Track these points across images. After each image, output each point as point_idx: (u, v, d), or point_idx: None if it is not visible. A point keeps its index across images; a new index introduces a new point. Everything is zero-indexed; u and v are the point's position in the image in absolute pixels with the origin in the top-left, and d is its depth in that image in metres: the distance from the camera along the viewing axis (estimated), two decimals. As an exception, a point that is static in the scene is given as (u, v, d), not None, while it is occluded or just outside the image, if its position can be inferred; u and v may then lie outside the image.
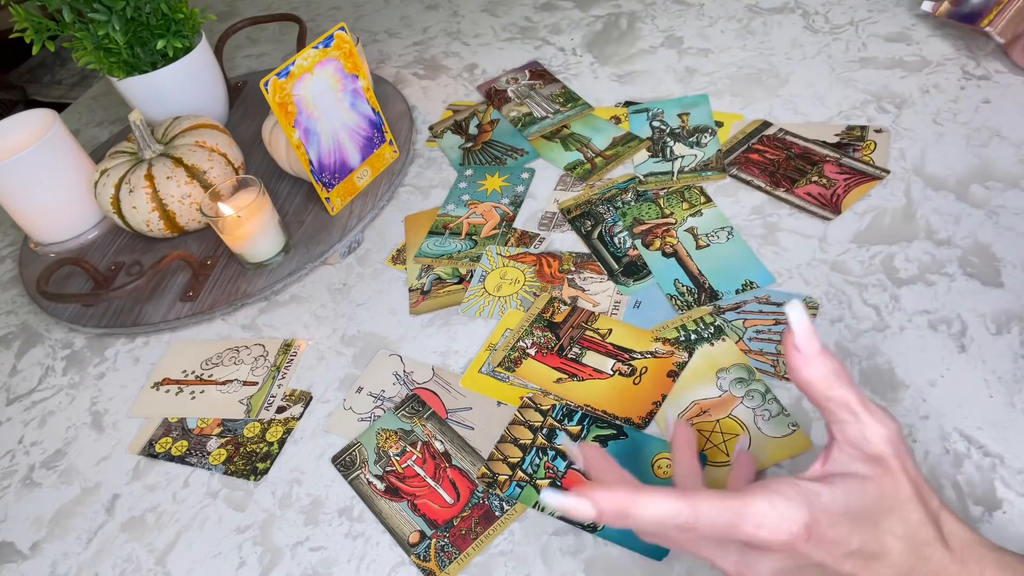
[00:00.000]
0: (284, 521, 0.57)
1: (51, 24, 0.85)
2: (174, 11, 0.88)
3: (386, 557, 0.53)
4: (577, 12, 1.06)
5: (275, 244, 0.76)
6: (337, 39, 0.76)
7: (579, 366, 0.61)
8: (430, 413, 0.61)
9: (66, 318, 0.77)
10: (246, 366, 0.69)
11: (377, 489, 0.57)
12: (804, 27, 0.92)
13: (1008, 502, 0.48)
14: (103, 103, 1.18)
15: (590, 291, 0.67)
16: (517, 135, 0.87)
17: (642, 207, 0.73)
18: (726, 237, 0.68)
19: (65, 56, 2.44)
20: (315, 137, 0.77)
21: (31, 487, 0.65)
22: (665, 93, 0.87)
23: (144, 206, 0.77)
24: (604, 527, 0.51)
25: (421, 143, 0.90)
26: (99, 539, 0.60)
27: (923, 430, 0.52)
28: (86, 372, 0.74)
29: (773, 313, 0.61)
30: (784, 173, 0.73)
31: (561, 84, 0.92)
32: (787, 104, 0.81)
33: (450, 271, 0.73)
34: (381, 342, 0.68)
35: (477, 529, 0.53)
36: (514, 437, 0.58)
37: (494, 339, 0.65)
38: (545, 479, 0.55)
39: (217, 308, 0.74)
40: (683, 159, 0.77)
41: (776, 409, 0.55)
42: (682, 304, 0.63)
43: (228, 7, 1.34)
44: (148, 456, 0.64)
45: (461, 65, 1.02)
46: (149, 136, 0.79)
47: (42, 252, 0.87)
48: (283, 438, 0.63)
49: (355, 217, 0.80)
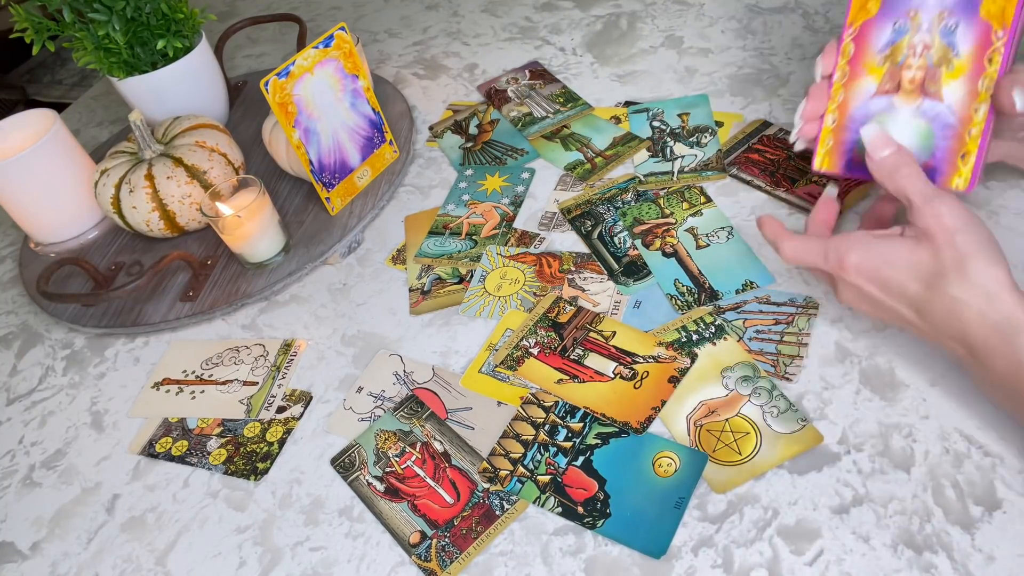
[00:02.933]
0: (284, 521, 0.57)
1: (51, 24, 0.85)
2: (174, 11, 0.88)
3: (386, 557, 0.53)
4: (577, 12, 1.06)
5: (275, 244, 0.76)
6: (337, 39, 0.76)
7: (581, 368, 0.61)
8: (429, 413, 0.61)
9: (66, 318, 0.77)
10: (246, 366, 0.69)
11: (377, 490, 0.57)
12: (804, 27, 0.92)
13: (1008, 502, 0.48)
14: (103, 103, 1.18)
15: (590, 291, 0.67)
16: (517, 135, 0.87)
17: (642, 207, 0.73)
18: (726, 237, 0.68)
19: (65, 56, 2.44)
20: (315, 137, 0.77)
21: (31, 487, 0.65)
22: (665, 93, 0.87)
23: (144, 206, 0.77)
24: (604, 526, 0.51)
25: (421, 143, 0.90)
26: (99, 539, 0.60)
27: (923, 430, 0.52)
28: (86, 372, 0.74)
29: (773, 313, 0.61)
30: (784, 173, 0.73)
31: (561, 84, 0.92)
32: (787, 104, 0.81)
33: (450, 271, 0.73)
34: (381, 342, 0.68)
35: (478, 529, 0.53)
36: (516, 433, 0.58)
37: (494, 339, 0.65)
38: (546, 475, 0.55)
39: (217, 308, 0.74)
40: (683, 159, 0.77)
41: (784, 405, 0.55)
42: (682, 304, 0.64)
43: (228, 7, 1.34)
44: (148, 456, 0.64)
45: (461, 65, 1.02)
46: (149, 136, 0.79)
47: (42, 252, 0.87)
48: (283, 438, 0.63)
49: (355, 217, 0.80)
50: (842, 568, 0.47)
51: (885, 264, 0.49)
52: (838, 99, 0.55)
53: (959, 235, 0.46)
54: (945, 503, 0.48)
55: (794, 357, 0.58)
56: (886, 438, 0.52)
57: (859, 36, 0.54)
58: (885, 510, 0.49)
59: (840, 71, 0.55)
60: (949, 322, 0.47)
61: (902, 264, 0.48)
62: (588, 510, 0.53)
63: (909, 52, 0.53)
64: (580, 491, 0.54)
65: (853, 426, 0.53)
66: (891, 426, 0.53)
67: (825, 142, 0.55)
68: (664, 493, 0.52)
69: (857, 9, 0.54)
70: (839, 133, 0.54)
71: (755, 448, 0.53)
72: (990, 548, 0.46)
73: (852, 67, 0.54)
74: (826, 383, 0.56)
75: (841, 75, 0.55)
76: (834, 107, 0.55)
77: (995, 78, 0.50)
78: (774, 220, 0.55)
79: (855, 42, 0.54)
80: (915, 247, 0.48)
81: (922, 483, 0.50)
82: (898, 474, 0.50)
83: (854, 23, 0.54)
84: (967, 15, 0.51)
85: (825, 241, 0.52)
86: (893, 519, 0.48)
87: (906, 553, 0.47)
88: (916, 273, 0.48)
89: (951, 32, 0.52)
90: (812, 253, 0.53)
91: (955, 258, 0.46)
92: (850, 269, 0.50)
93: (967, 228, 0.47)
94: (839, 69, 0.55)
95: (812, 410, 0.55)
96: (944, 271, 0.46)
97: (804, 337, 0.59)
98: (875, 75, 0.54)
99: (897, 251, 0.49)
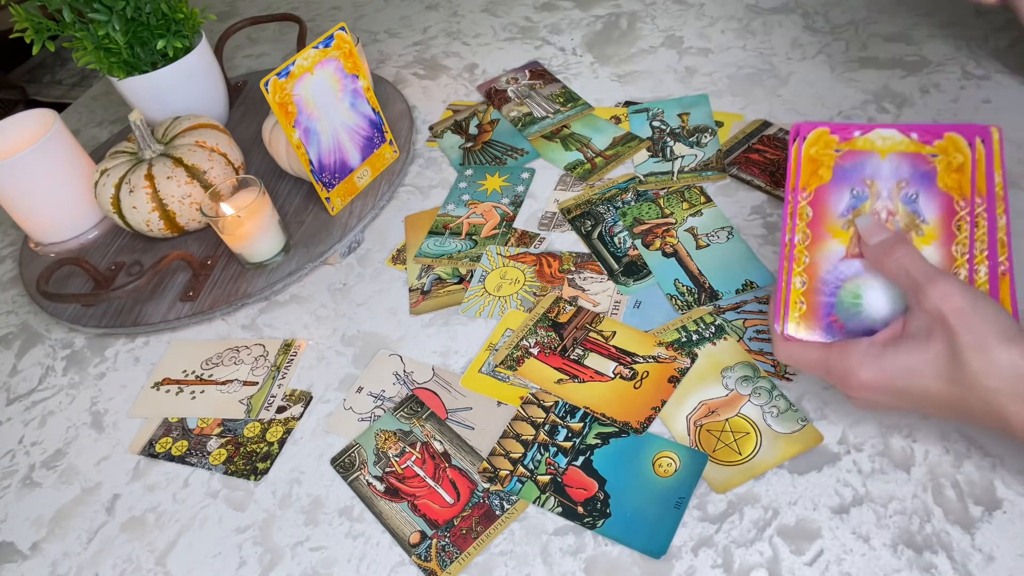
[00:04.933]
0: (284, 521, 0.57)
1: (51, 24, 0.85)
2: (174, 11, 0.88)
3: (386, 557, 0.53)
4: (577, 12, 1.06)
5: (275, 244, 0.76)
6: (337, 39, 0.76)
7: (581, 368, 0.61)
8: (429, 413, 0.61)
9: (66, 318, 0.77)
10: (246, 366, 0.69)
11: (377, 490, 0.57)
12: (804, 27, 0.92)
13: (1008, 502, 0.48)
14: (103, 103, 1.18)
15: (590, 291, 0.67)
16: (517, 135, 0.87)
17: (642, 207, 0.73)
18: (726, 237, 0.68)
19: (65, 56, 2.44)
20: (315, 137, 0.77)
21: (31, 487, 0.65)
22: (665, 93, 0.87)
23: (144, 206, 0.77)
24: (604, 526, 0.51)
25: (421, 143, 0.90)
26: (99, 539, 0.60)
27: (923, 430, 0.52)
28: (86, 372, 0.74)
29: (773, 313, 0.61)
30: (784, 173, 0.73)
31: (561, 84, 0.92)
32: (787, 104, 0.81)
33: (450, 271, 0.73)
34: (381, 342, 0.68)
35: (478, 529, 0.53)
36: (516, 433, 0.58)
37: (494, 339, 0.65)
38: (546, 475, 0.55)
39: (217, 308, 0.74)
40: (683, 159, 0.77)
41: (784, 405, 0.55)
42: (682, 304, 0.64)
43: (228, 7, 1.34)
44: (148, 456, 0.64)
45: (461, 65, 1.02)
46: (149, 136, 0.79)
47: (42, 252, 0.87)
48: (283, 438, 0.63)
49: (355, 217, 0.80)
50: (842, 568, 0.47)
51: (900, 374, 0.45)
52: (803, 262, 0.51)
53: (971, 315, 0.43)
54: (945, 503, 0.48)
55: (794, 357, 0.58)
56: (886, 438, 0.52)
57: (815, 200, 0.51)
58: (885, 510, 0.49)
59: (800, 233, 0.51)
60: (987, 412, 0.43)
61: (918, 368, 0.44)
62: (588, 510, 0.53)
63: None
64: (580, 491, 0.54)
65: (853, 426, 0.53)
66: (891, 426, 0.53)
67: (797, 305, 0.51)
68: (664, 493, 0.52)
69: (808, 175, 0.52)
70: (812, 296, 0.51)
71: (755, 448, 0.53)
72: (990, 548, 0.46)
73: (813, 230, 0.51)
74: (826, 383, 0.56)
75: (803, 237, 0.51)
76: (800, 270, 0.51)
77: (967, 245, 0.48)
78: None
79: (811, 206, 0.51)
80: (927, 343, 0.44)
81: (922, 483, 0.50)
82: (898, 474, 0.50)
83: (807, 188, 0.52)
84: (924, 186, 0.49)
85: (826, 352, 0.48)
86: (893, 519, 0.48)
87: (906, 553, 0.47)
88: (936, 372, 0.44)
89: (913, 200, 0.50)
90: (811, 364, 0.49)
91: (975, 343, 0.42)
92: (860, 388, 0.46)
93: (976, 305, 0.43)
94: (799, 231, 0.51)
95: (812, 410, 0.55)
96: (965, 360, 0.43)
97: (804, 337, 0.59)
98: (840, 238, 0.51)
99: (910, 356, 0.44)
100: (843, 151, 0.52)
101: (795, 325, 0.51)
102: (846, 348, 0.47)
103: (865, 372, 0.46)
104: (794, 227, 0.52)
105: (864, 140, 0.51)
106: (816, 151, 0.52)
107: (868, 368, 0.46)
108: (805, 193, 0.52)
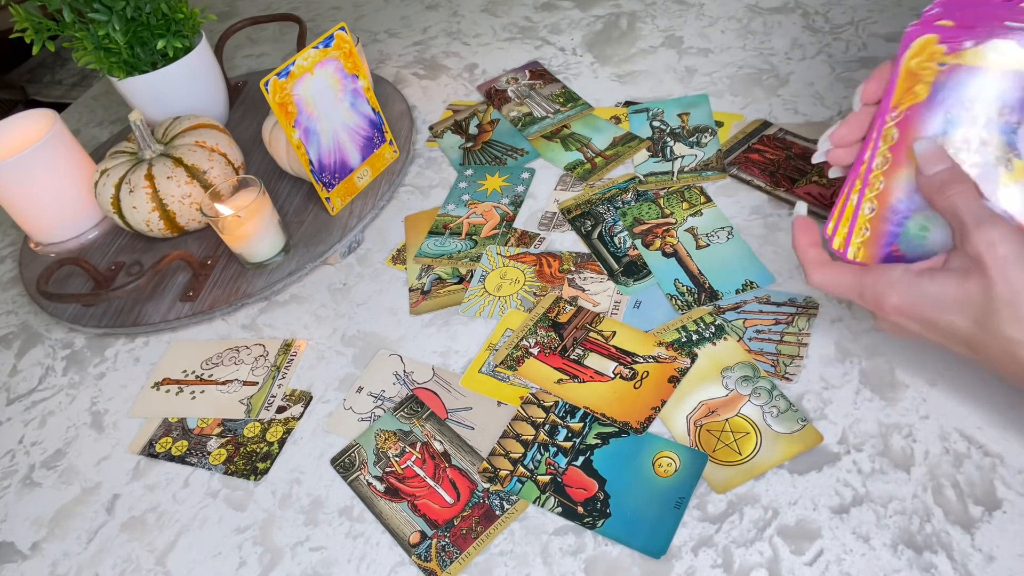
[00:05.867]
0: (284, 521, 0.57)
1: (51, 24, 0.85)
2: (174, 11, 0.88)
3: (386, 557, 0.53)
4: (577, 12, 1.06)
5: (275, 244, 0.76)
6: (337, 39, 0.76)
7: (581, 368, 0.61)
8: (429, 413, 0.61)
9: (66, 318, 0.77)
10: (246, 366, 0.69)
11: (377, 490, 0.57)
12: (804, 27, 0.92)
13: (1008, 502, 0.48)
14: (103, 103, 1.18)
15: (590, 291, 0.67)
16: (517, 135, 0.87)
17: (642, 207, 0.73)
18: (726, 237, 0.68)
19: (65, 56, 2.44)
20: (315, 137, 0.77)
21: (31, 487, 0.65)
22: (665, 93, 0.87)
23: (144, 206, 0.77)
24: (604, 526, 0.51)
25: (421, 143, 0.90)
26: (99, 539, 0.60)
27: (923, 430, 0.52)
28: (86, 372, 0.74)
29: (773, 313, 0.61)
30: (784, 173, 0.73)
31: (561, 84, 0.92)
32: (787, 104, 0.81)
33: (450, 271, 0.73)
34: (381, 342, 0.68)
35: (478, 529, 0.53)
36: (516, 433, 0.58)
37: (494, 339, 0.65)
38: (546, 475, 0.55)
39: (217, 308, 0.74)
40: (683, 159, 0.77)
41: (784, 405, 0.55)
42: (682, 304, 0.64)
43: (228, 7, 1.34)
44: (148, 456, 0.64)
45: (461, 65, 1.02)
46: (149, 136, 0.79)
47: (42, 252, 0.87)
48: (283, 438, 0.63)
49: (355, 217, 0.80)
50: (842, 568, 0.47)
51: (930, 305, 0.45)
52: (877, 187, 0.48)
53: (1012, 268, 0.42)
54: (945, 503, 0.48)
55: (794, 357, 0.58)
56: (886, 438, 0.52)
57: (904, 121, 0.47)
58: (885, 510, 0.49)
59: (881, 156, 0.48)
60: (1006, 360, 0.44)
61: (949, 302, 0.44)
62: (588, 510, 0.53)
63: (963, 146, 0.46)
64: (580, 491, 0.54)
65: (853, 426, 0.53)
66: (891, 426, 0.53)
67: (861, 231, 0.49)
68: (664, 493, 0.52)
69: (903, 91, 0.47)
70: (878, 224, 0.48)
71: (755, 448, 0.53)
72: (990, 548, 0.46)
73: (895, 154, 0.47)
74: (826, 383, 0.56)
75: (883, 161, 0.48)
76: (872, 195, 0.48)
77: None
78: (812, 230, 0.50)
79: (899, 127, 0.47)
80: (962, 281, 0.43)
81: (922, 483, 0.50)
82: (898, 474, 0.50)
83: (899, 106, 0.47)
84: None
85: (860, 276, 0.48)
86: (893, 519, 0.48)
87: (906, 553, 0.47)
88: (965, 311, 0.44)
89: (1012, 131, 0.44)
90: (844, 287, 0.49)
91: (1008, 296, 0.42)
92: (891, 311, 0.46)
93: (1020, 259, 0.42)
94: (880, 155, 0.48)
95: (812, 410, 0.55)
96: (995, 308, 0.42)
97: (804, 337, 0.59)
98: None
99: (943, 289, 0.44)
100: (948, 65, 0.45)
101: (855, 250, 0.49)
102: (880, 272, 0.47)
103: (896, 296, 0.46)
104: (875, 150, 0.48)
105: (974, 53, 0.45)
106: (917, 63, 0.46)
107: (900, 293, 0.45)
108: (895, 113, 0.47)
